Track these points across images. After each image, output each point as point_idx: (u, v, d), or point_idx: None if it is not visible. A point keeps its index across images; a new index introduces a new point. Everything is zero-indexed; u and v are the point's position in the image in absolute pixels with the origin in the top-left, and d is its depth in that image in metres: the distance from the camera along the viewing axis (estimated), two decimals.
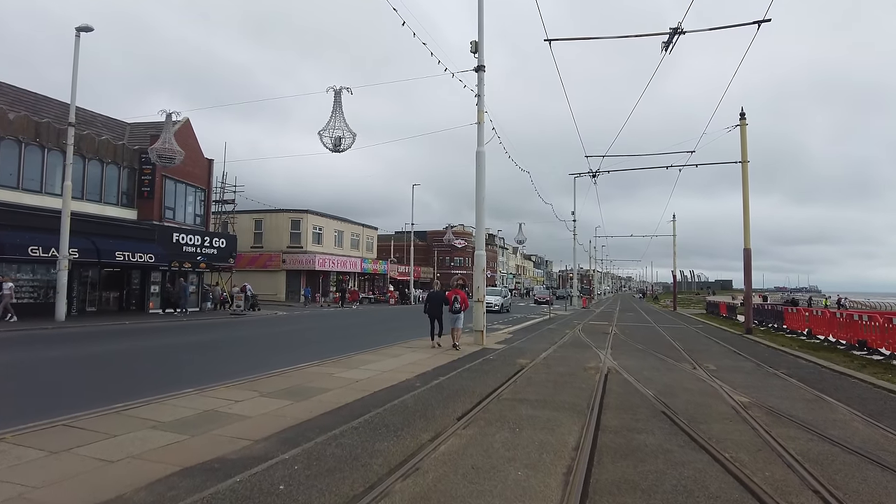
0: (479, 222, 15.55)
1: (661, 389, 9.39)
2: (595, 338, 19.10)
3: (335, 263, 46.11)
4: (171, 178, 29.88)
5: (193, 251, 30.08)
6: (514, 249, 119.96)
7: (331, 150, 17.49)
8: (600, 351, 15.01)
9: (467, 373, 10.56)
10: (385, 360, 11.96)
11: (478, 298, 15.29)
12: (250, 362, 11.94)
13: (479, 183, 15.49)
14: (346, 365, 10.99)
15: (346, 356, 12.28)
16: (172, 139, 21.14)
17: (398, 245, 67.74)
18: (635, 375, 10.83)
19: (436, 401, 7.91)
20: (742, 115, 21.53)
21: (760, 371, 12.03)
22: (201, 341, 16.11)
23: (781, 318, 22.19)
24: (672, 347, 16.63)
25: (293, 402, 7.54)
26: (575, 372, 11.17)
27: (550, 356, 13.59)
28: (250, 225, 45.31)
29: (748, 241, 21.41)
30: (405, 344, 15.30)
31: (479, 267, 15.47)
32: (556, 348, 15.41)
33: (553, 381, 9.99)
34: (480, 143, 15.61)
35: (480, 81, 15.73)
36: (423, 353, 13.44)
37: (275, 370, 10.06)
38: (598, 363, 12.57)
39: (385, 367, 10.96)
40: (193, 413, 6.75)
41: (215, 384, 8.62)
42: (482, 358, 12.71)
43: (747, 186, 21.51)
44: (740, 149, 21.65)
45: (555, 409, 7.61)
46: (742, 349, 16.29)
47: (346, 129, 17.31)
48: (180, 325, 22.03)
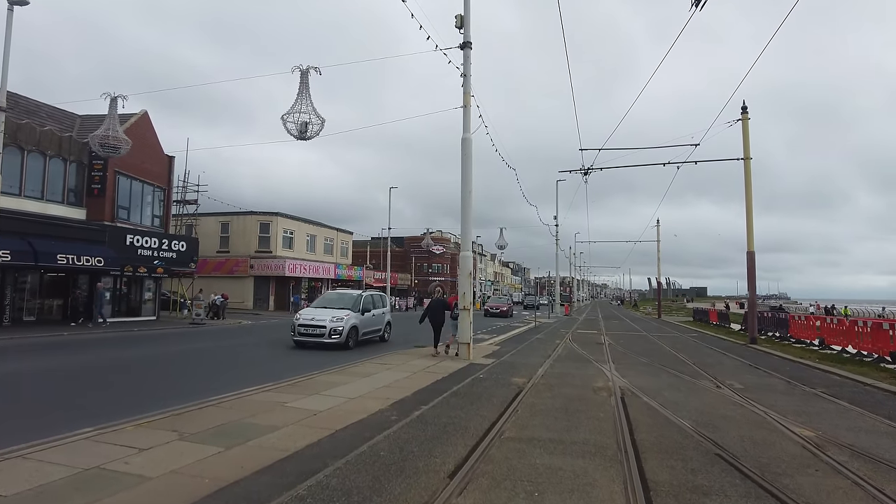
0: (466, 219, 13.61)
1: (698, 419, 7.54)
2: (591, 349, 17.29)
3: (307, 269, 43.69)
4: (125, 174, 27.36)
5: (150, 255, 27.53)
6: (493, 256, 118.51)
7: (296, 136, 15.39)
8: (603, 366, 13.17)
9: (455, 398, 8.57)
10: (355, 381, 9.89)
11: (464, 306, 13.32)
12: (186, 386, 9.76)
13: (465, 174, 13.58)
14: (305, 389, 8.89)
15: (307, 376, 10.16)
16: (118, 126, 18.77)
17: (374, 251, 65.51)
18: (656, 398, 8.98)
19: (417, 444, 5.90)
20: (744, 109, 20.07)
21: (797, 391, 10.29)
22: (138, 357, 13.77)
23: (786, 327, 20.69)
24: (679, 360, 14.89)
25: (221, 451, 5.46)
26: (584, 395, 9.27)
27: (549, 373, 11.67)
28: (216, 228, 42.66)
29: (751, 243, 19.89)
30: (379, 359, 13.24)
31: (464, 270, 13.52)
32: (553, 363, 13.52)
33: (562, 408, 8.07)
34: (467, 129, 13.72)
35: (466, 59, 13.87)
36: (402, 370, 11.41)
37: (212, 398, 7.92)
38: (606, 382, 10.70)
39: (354, 391, 8.90)
40: (66, 474, 4.63)
41: (124, 420, 6.48)
42: (471, 377, 10.73)
43: (750, 186, 20.02)
44: (742, 144, 20.17)
45: (579, 455, 5.67)
46: (757, 362, 14.62)
47: (313, 114, 15.25)
48: (126, 336, 19.58)
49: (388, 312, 19.47)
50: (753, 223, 20.01)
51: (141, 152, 28.66)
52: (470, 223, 13.63)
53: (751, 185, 20.01)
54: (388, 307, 20.13)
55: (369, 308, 17.48)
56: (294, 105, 15.30)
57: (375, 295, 19.18)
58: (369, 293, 18.77)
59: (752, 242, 19.88)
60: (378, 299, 18.99)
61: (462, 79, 13.84)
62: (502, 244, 47.79)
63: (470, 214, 13.61)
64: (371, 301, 17.98)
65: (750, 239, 19.87)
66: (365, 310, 17.06)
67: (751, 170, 20.00)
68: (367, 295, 18.05)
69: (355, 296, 17.52)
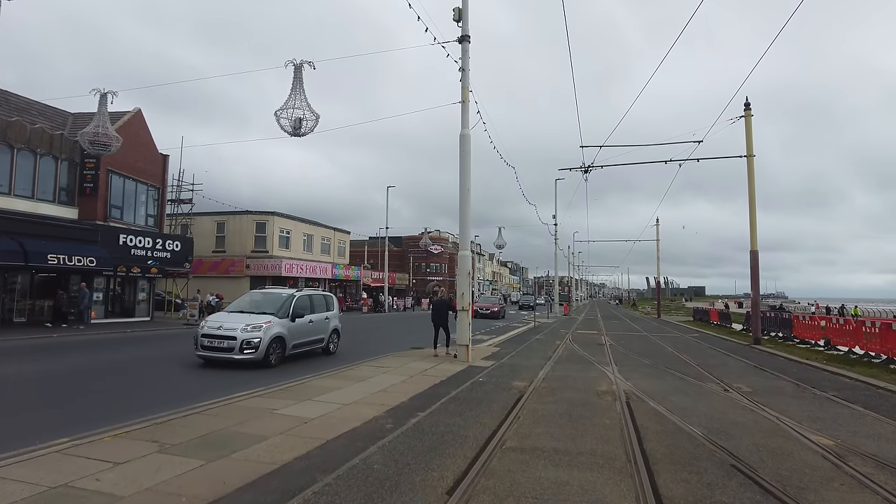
0: (464, 218, 13.24)
1: (708, 425, 7.18)
2: (591, 350, 16.93)
3: (304, 269, 43.27)
4: (118, 173, 26.94)
5: (144, 255, 27.12)
6: (491, 256, 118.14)
7: (290, 133, 15.01)
8: (605, 368, 12.82)
9: (454, 404, 8.19)
10: (349, 385, 9.51)
11: (462, 307, 12.95)
12: (172, 392, 9.37)
13: (464, 171, 13.21)
14: (297, 395, 8.51)
15: (299, 381, 9.79)
16: (108, 123, 18.33)
17: (372, 251, 65.12)
18: (663, 403, 8.63)
19: (414, 456, 5.53)
20: (747, 106, 19.73)
21: (807, 394, 9.93)
22: (125, 360, 13.36)
23: (789, 327, 20.35)
24: (682, 362, 14.53)
25: (203, 465, 5.08)
26: (588, 399, 8.90)
27: (551, 376, 11.30)
28: (212, 228, 42.21)
29: (755, 242, 19.53)
30: (376, 361, 12.86)
31: (463, 270, 13.15)
32: (554, 365, 13.16)
33: (566, 414, 7.70)
34: (465, 125, 13.35)
35: (465, 53, 13.50)
36: (398, 373, 11.04)
37: (198, 404, 7.54)
38: (609, 385, 10.34)
39: (348, 396, 8.52)
40: (29, 494, 4.25)
41: (103, 429, 6.10)
42: (470, 380, 10.36)
43: (753, 183, 19.67)
44: (745, 142, 19.82)
45: (586, 468, 5.31)
46: (763, 364, 14.27)
47: (307, 110, 14.87)
48: (116, 338, 19.19)
49: (335, 317, 15.24)
50: (757, 222, 19.67)
51: (134, 151, 28.28)
52: (468, 222, 13.26)
53: (754, 182, 19.67)
54: (336, 310, 15.63)
55: (303, 312, 13.40)
56: (287, 101, 14.94)
57: (316, 295, 14.93)
58: (307, 293, 14.47)
59: (755, 241, 19.54)
60: (320, 301, 14.79)
61: (460, 73, 13.48)
62: (501, 243, 47.44)
63: (468, 213, 13.24)
64: (307, 304, 13.93)
65: (753, 237, 19.53)
66: (297, 315, 13.10)
67: (754, 167, 19.66)
68: (303, 296, 13.98)
69: (285, 297, 13.47)
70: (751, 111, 19.70)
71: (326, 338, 14.67)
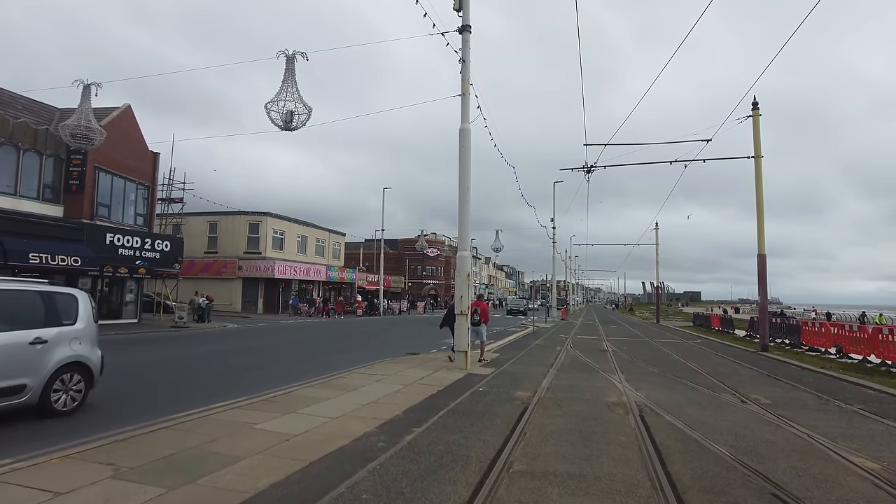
0: (464, 217, 12.53)
1: (735, 443, 6.48)
2: (594, 357, 16.23)
3: (297, 271, 42.48)
4: (106, 170, 26.13)
5: (131, 255, 26.29)
6: (487, 260, 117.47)
7: (281, 127, 14.30)
8: (611, 377, 12.11)
9: (453, 418, 7.46)
10: (339, 395, 8.77)
11: (461, 310, 12.23)
12: (143, 401, 8.61)
13: (463, 168, 12.51)
14: (280, 406, 7.77)
15: (285, 389, 9.04)
16: (91, 116, 17.55)
17: (368, 253, 64.35)
18: (680, 417, 7.92)
19: (409, 482, 4.80)
20: (755, 105, 19.12)
21: (832, 407, 9.24)
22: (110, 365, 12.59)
23: (797, 334, 19.70)
24: (691, 370, 13.85)
25: (162, 494, 4.34)
26: (598, 412, 8.19)
27: (555, 385, 10.59)
28: (204, 228, 41.42)
29: (762, 245, 18.90)
30: (369, 368, 12.12)
31: (462, 271, 12.43)
32: (557, 373, 12.45)
33: (576, 430, 6.99)
34: (465, 119, 12.66)
35: (465, 44, 12.82)
36: (392, 382, 10.30)
37: (167, 417, 6.80)
38: (619, 396, 9.64)
39: (337, 408, 7.78)
40: None
41: (51, 449, 5.35)
42: (470, 390, 9.63)
43: (761, 185, 19.05)
44: (753, 142, 19.21)
45: (607, 496, 4.59)
46: (775, 372, 13.60)
47: (299, 103, 14.16)
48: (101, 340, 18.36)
49: (84, 337, 8.04)
50: (764, 225, 19.05)
51: (123, 147, 27.50)
52: (468, 221, 12.56)
53: (762, 184, 19.05)
54: (87, 321, 8.20)
55: None
56: (279, 93, 14.22)
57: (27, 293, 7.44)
58: None
59: (763, 244, 18.91)
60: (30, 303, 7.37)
61: (460, 64, 12.79)
62: (498, 246, 46.73)
63: (468, 212, 12.54)
64: None
65: (761, 241, 18.89)
66: None
67: (762, 168, 19.04)
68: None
69: None
70: (759, 111, 19.09)
71: (45, 376, 7.05)
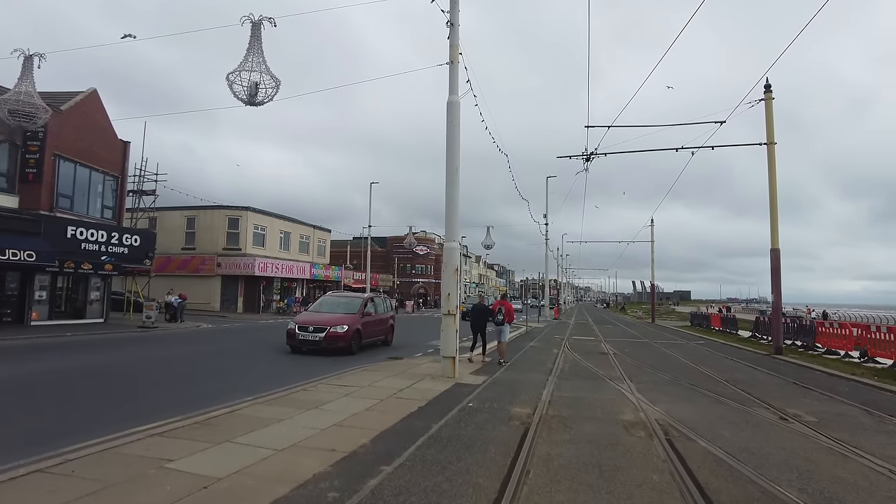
0: (452, 202, 10.90)
1: (802, 484, 4.96)
2: (596, 361, 14.71)
3: (279, 268, 40.63)
4: (67, 158, 24.23)
5: (96, 250, 24.40)
6: (478, 258, 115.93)
7: (245, 101, 12.61)
8: (620, 385, 10.58)
9: (434, 448, 5.84)
10: (296, 415, 7.12)
11: (448, 310, 10.61)
12: (59, 422, 6.91)
13: (451, 146, 10.90)
14: (214, 432, 6.11)
15: (230, 407, 7.38)
16: (33, 91, 15.71)
17: (355, 251, 62.61)
18: (716, 441, 6.39)
19: None
20: (767, 88, 17.66)
21: (890, 427, 7.74)
22: (32, 373, 10.86)
23: (811, 335, 18.30)
24: (706, 377, 12.36)
25: None
26: (615, 436, 6.62)
27: (558, 398, 9.02)
28: (181, 223, 39.47)
29: (776, 239, 17.45)
30: (339, 378, 10.47)
31: (450, 265, 10.81)
32: (558, 381, 10.88)
33: (593, 464, 5.41)
34: (453, 91, 11.05)
35: (454, 6, 11.22)
36: (366, 396, 8.69)
37: (65, 449, 5.14)
38: (636, 412, 8.08)
39: (287, 435, 6.14)
40: None
41: None
42: (457, 406, 8.01)
43: (774, 174, 17.60)
44: (766, 127, 17.76)
45: None
46: (802, 379, 12.12)
47: (265, 73, 12.48)
48: (44, 344, 16.58)
49: None
50: (778, 218, 17.60)
51: (88, 134, 25.62)
52: (456, 207, 10.95)
53: (775, 173, 17.60)
54: None
55: None
56: (242, 63, 12.53)
57: None
58: None
59: (776, 238, 17.45)
60: None
61: (448, 29, 11.18)
62: (489, 243, 45.19)
63: (457, 196, 10.93)
64: None
65: (774, 234, 17.44)
66: None
67: (775, 156, 17.60)
68: None
69: None
70: (772, 94, 17.63)
71: None
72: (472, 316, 14.44)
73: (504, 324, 13.66)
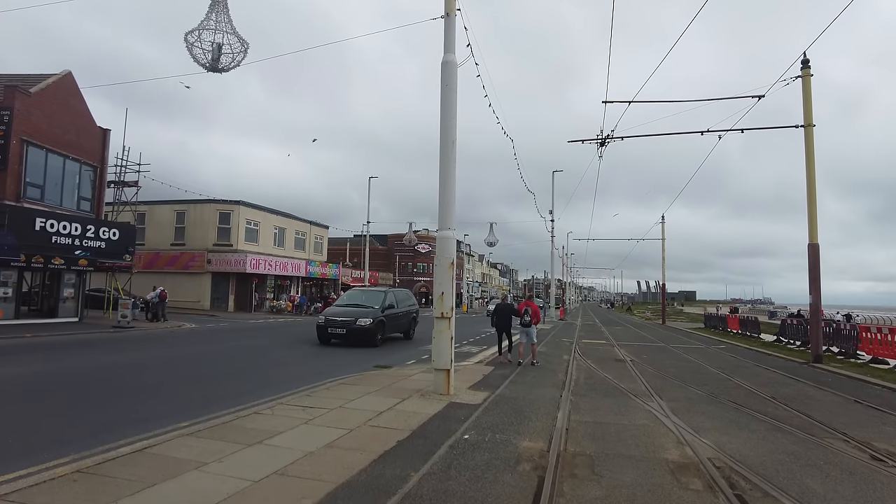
0: (447, 182, 9.02)
1: None
2: (613, 370, 12.84)
3: (273, 265, 38.80)
4: (37, 145, 22.49)
5: (70, 243, 22.66)
6: (481, 257, 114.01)
7: (207, 66, 10.78)
8: (648, 404, 8.72)
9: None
10: (227, 456, 5.26)
11: (441, 312, 8.73)
12: None
13: (446, 115, 9.03)
14: (91, 488, 4.27)
15: (146, 440, 5.53)
16: None
17: (355, 249, 60.89)
18: (806, 499, 4.52)
19: None
20: (805, 63, 15.73)
21: None
22: None
23: (851, 341, 16.37)
24: (746, 391, 10.47)
25: None
26: (664, 489, 4.76)
27: (577, 425, 7.15)
28: (170, 218, 37.72)
29: (815, 233, 15.51)
30: (308, 395, 8.61)
31: (443, 258, 8.92)
32: (574, 399, 9.02)
33: None
34: (449, 49, 9.18)
35: None
36: (331, 424, 6.84)
37: None
38: (679, 446, 6.22)
39: (197, 493, 4.30)
40: None
41: None
42: (448, 440, 6.14)
43: (813, 160, 15.66)
44: (803, 108, 15.83)
45: None
46: (864, 396, 10.18)
47: (230, 34, 10.64)
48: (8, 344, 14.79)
49: None
50: (816, 212, 15.69)
51: (62, 120, 23.88)
52: (453, 188, 9.07)
53: (813, 159, 15.66)
54: None
55: None
56: (204, 21, 10.69)
57: None
58: None
59: (815, 232, 15.51)
60: None
61: None
62: (492, 240, 43.34)
63: (453, 175, 9.06)
64: None
65: (813, 227, 15.50)
66: None
67: (813, 140, 15.67)
68: None
69: None
70: (810, 70, 15.69)
71: None
72: (497, 315, 14.29)
73: (531, 325, 13.40)
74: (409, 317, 19.91)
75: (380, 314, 16.90)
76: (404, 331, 19.51)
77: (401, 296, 20.11)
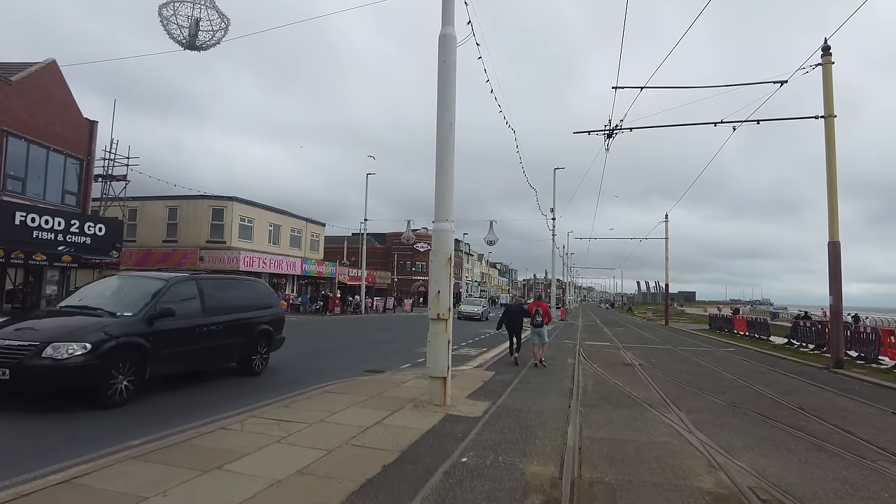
0: (444, 168, 8.11)
1: None
2: (622, 376, 11.96)
3: (267, 263, 37.85)
4: (18, 136, 21.57)
5: (52, 238, 21.78)
6: (480, 256, 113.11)
7: (184, 44, 9.87)
8: (667, 415, 7.83)
9: None
10: (177, 484, 4.37)
11: (437, 314, 7.82)
12: None
13: (445, 93, 8.13)
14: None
15: (84, 464, 4.63)
16: None
17: (353, 248, 59.98)
18: None
19: None
20: (825, 51, 14.84)
21: None
22: None
23: (872, 345, 15.50)
24: (772, 402, 9.58)
25: None
26: None
27: (590, 443, 6.26)
28: (162, 214, 36.76)
29: (836, 231, 14.62)
30: (286, 406, 7.71)
31: (440, 253, 8.01)
32: (584, 410, 8.13)
33: None
34: (448, 21, 8.28)
35: None
36: (308, 444, 5.95)
37: None
38: (712, 471, 5.34)
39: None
40: None
41: None
42: (445, 463, 5.24)
43: (833, 151, 14.77)
44: (823, 97, 14.95)
45: None
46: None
47: (210, 8, 9.73)
48: None
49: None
50: (837, 208, 14.81)
51: (45, 110, 22.94)
52: (451, 175, 8.17)
53: (834, 152, 14.77)
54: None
55: None
56: None
57: None
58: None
59: (836, 229, 14.61)
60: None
61: None
62: (492, 239, 42.41)
63: (451, 159, 8.16)
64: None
65: (833, 224, 14.61)
66: None
67: (834, 131, 14.78)
68: None
69: None
70: (831, 57, 14.81)
71: None
72: (508, 317, 14.10)
73: (543, 325, 13.19)
74: (253, 331, 10.18)
75: (130, 329, 7.55)
76: (239, 356, 10.10)
77: (229, 293, 10.04)
